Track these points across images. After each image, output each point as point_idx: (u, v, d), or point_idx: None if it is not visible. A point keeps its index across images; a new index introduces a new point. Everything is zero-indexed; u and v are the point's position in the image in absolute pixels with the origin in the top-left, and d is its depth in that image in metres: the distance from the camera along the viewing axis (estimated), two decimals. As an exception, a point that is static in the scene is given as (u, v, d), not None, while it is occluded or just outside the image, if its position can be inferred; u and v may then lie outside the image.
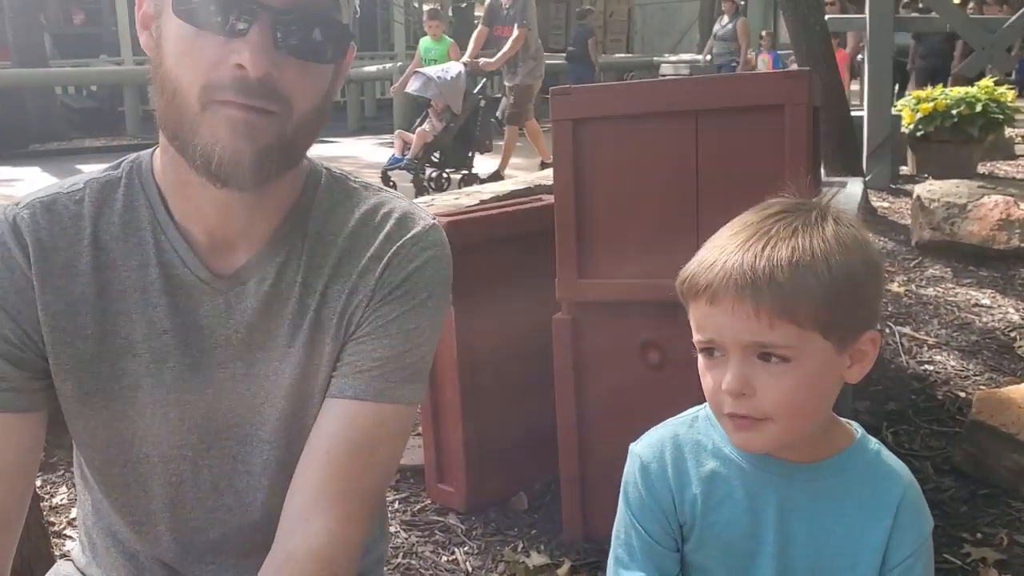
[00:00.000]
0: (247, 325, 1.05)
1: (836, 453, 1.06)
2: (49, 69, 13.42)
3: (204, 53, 0.92)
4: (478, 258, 2.40)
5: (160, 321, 1.03)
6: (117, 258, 1.03)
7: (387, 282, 1.06)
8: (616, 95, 2.19)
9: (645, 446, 1.13)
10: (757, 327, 0.95)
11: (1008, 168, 7.50)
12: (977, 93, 6.60)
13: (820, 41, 5.73)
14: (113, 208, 1.04)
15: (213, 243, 1.04)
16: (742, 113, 1.98)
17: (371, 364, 1.05)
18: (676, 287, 1.05)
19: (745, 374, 0.97)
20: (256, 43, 0.91)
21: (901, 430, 2.87)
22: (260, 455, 1.08)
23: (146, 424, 1.05)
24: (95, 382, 1.04)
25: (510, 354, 2.49)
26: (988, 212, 4.63)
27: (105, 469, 1.09)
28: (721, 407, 1.00)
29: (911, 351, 3.54)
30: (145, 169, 1.06)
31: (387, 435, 1.06)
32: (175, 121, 0.95)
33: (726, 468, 1.08)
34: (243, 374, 1.06)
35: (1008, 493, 2.47)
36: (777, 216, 1.02)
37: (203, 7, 0.91)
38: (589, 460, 2.23)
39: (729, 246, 1.00)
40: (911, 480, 1.08)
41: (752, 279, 0.95)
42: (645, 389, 2.13)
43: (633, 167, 2.09)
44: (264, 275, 1.05)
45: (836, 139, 5.69)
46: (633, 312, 2.13)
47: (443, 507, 2.50)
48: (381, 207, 1.10)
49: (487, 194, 5.01)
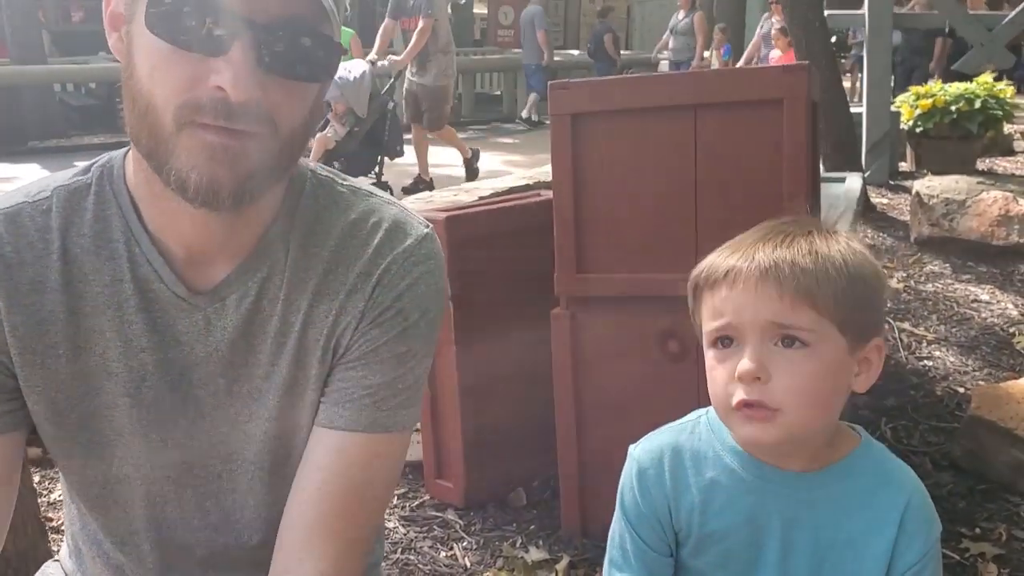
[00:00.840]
0: (228, 343, 0.98)
1: (839, 460, 1.05)
2: (48, 66, 13.38)
3: (181, 69, 0.84)
4: (477, 254, 2.39)
5: (137, 339, 0.96)
6: (88, 272, 0.95)
7: (377, 303, 0.99)
8: (615, 89, 2.18)
9: (644, 451, 1.12)
10: (780, 308, 0.96)
11: (1007, 164, 7.50)
12: (976, 89, 6.60)
13: (820, 38, 5.72)
14: (83, 218, 0.96)
15: (190, 256, 0.97)
16: (741, 107, 1.98)
17: (362, 392, 0.99)
18: (689, 282, 1.05)
19: (762, 357, 0.96)
20: (239, 63, 0.83)
21: (900, 426, 2.87)
22: (245, 474, 1.03)
23: (125, 444, 1.00)
24: (69, 402, 0.98)
25: (509, 349, 2.49)
26: (987, 208, 4.63)
27: (84, 489, 1.04)
28: (731, 399, 0.98)
29: (910, 347, 3.54)
30: (117, 175, 0.98)
31: (382, 466, 1.01)
32: (148, 138, 0.87)
33: (727, 477, 1.06)
34: (225, 393, 1.00)
35: (1006, 488, 2.47)
36: (791, 222, 1.05)
37: (179, 20, 0.82)
38: (588, 455, 2.23)
39: (747, 241, 1.03)
40: (916, 485, 1.06)
41: (776, 262, 0.98)
42: (644, 383, 2.13)
43: (632, 161, 2.09)
44: (245, 291, 0.98)
45: (835, 135, 5.68)
46: (632, 307, 2.13)
47: (442, 502, 2.49)
48: (370, 215, 1.02)
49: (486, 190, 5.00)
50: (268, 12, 0.84)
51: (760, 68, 2.20)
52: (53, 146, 12.34)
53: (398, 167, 7.95)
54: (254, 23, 0.83)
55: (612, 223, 2.12)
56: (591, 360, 2.21)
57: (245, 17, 0.83)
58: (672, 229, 2.05)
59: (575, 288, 2.18)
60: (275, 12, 0.84)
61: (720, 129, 2.00)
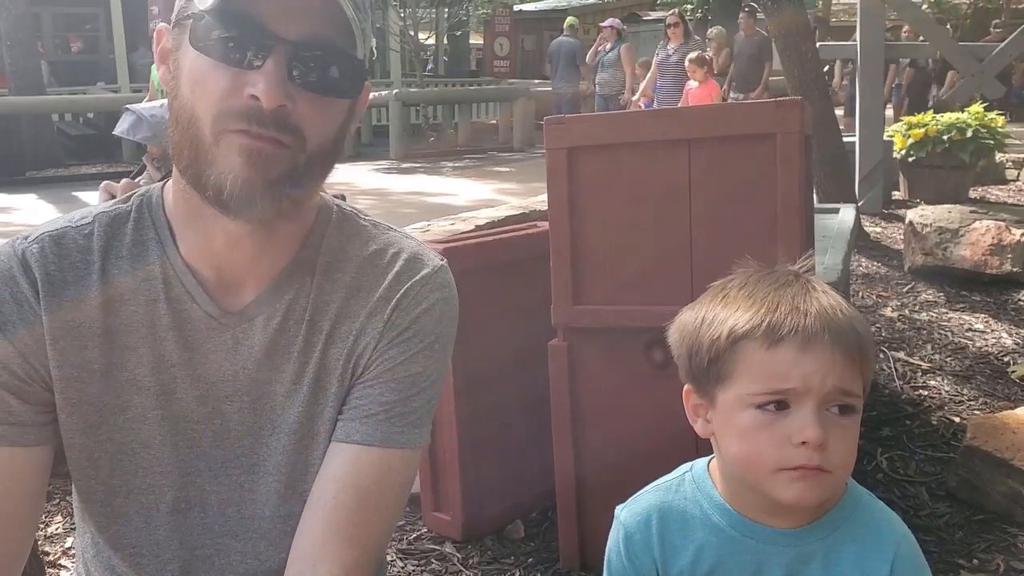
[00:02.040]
0: (254, 362, 1.05)
1: (828, 511, 1.04)
2: (46, 96, 13.45)
3: (219, 83, 0.92)
4: (474, 284, 2.40)
5: (168, 355, 1.03)
6: (125, 293, 1.03)
7: (395, 324, 1.06)
8: (610, 124, 2.21)
9: (630, 514, 1.11)
10: (844, 375, 0.95)
11: (999, 193, 7.56)
12: (967, 119, 6.67)
13: (811, 69, 5.79)
14: (122, 242, 1.04)
15: (222, 279, 1.04)
16: (734, 142, 2.00)
17: (378, 408, 1.05)
18: (717, 337, 1.00)
19: (822, 423, 0.95)
20: (271, 74, 0.91)
21: (896, 455, 2.87)
22: (265, 485, 1.08)
23: (153, 455, 1.06)
24: (100, 415, 1.04)
25: (507, 381, 2.49)
26: (980, 237, 4.66)
27: (108, 500, 1.09)
28: (786, 462, 0.96)
29: (905, 376, 3.55)
30: (156, 203, 1.06)
31: (394, 480, 1.05)
32: (189, 150, 0.95)
33: (716, 537, 1.05)
34: (249, 408, 1.06)
35: (1003, 518, 2.48)
36: (796, 275, 1.03)
37: (220, 39, 0.92)
38: (586, 487, 2.23)
39: (786, 294, 0.98)
40: (903, 534, 1.05)
41: (843, 325, 0.96)
42: (642, 415, 2.14)
43: (627, 195, 2.11)
44: (272, 313, 1.05)
45: (829, 165, 5.73)
46: (629, 338, 2.14)
47: (439, 535, 2.49)
48: (390, 247, 1.10)
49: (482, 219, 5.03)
50: (299, 31, 0.93)
51: (754, 103, 2.23)
52: (51, 176, 12.38)
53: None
54: (286, 40, 0.92)
55: (608, 255, 2.14)
56: (589, 390, 2.21)
57: (278, 34, 0.92)
58: (668, 261, 2.07)
59: (572, 319, 2.19)
60: (306, 31, 0.94)
61: (714, 163, 2.02)
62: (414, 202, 9.07)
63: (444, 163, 12.78)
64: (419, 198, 9.40)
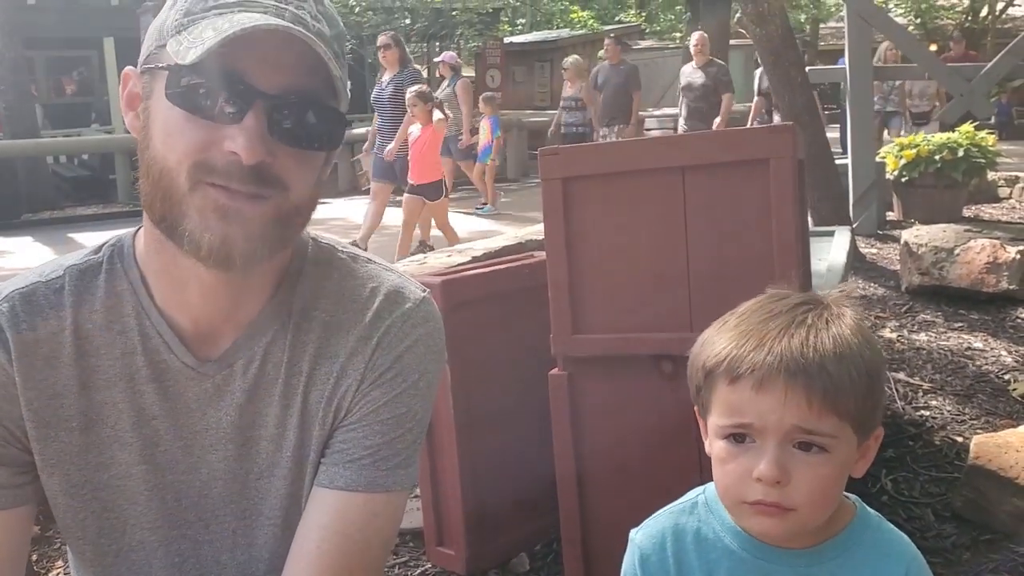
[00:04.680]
0: (237, 408, 1.02)
1: (837, 533, 1.05)
2: (40, 139, 13.52)
3: (196, 135, 0.90)
4: (472, 316, 2.41)
5: (148, 408, 1.01)
6: (100, 347, 1.00)
7: (377, 365, 1.02)
8: (604, 154, 2.22)
9: (645, 536, 1.11)
10: (807, 415, 0.94)
11: (993, 211, 7.59)
12: (959, 138, 6.71)
13: (802, 94, 5.83)
14: (95, 295, 1.01)
15: (199, 327, 1.01)
16: (728, 168, 2.01)
17: (362, 452, 1.02)
18: (699, 366, 1.02)
19: (782, 461, 0.95)
20: (251, 129, 0.89)
21: (900, 477, 2.86)
22: (261, 530, 1.06)
23: (140, 511, 1.03)
24: (83, 473, 1.01)
25: (508, 412, 2.49)
26: (976, 256, 4.67)
27: (97, 560, 1.06)
28: (745, 495, 0.97)
29: (906, 397, 3.55)
30: (127, 253, 1.03)
31: (380, 526, 1.03)
32: (162, 202, 0.92)
33: (728, 559, 1.06)
34: (235, 455, 1.03)
35: (1010, 538, 2.46)
36: (804, 306, 1.02)
37: (196, 91, 0.88)
38: (590, 518, 2.22)
39: (766, 330, 0.98)
40: (913, 554, 1.06)
41: (804, 366, 0.94)
42: (644, 443, 2.13)
43: (623, 222, 2.12)
44: (251, 356, 1.02)
45: (822, 188, 5.76)
46: (630, 366, 2.14)
47: (443, 570, 2.47)
48: (369, 281, 1.06)
49: (479, 250, 5.04)
50: (279, 84, 0.91)
51: (746, 129, 2.25)
52: (47, 218, 12.41)
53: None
54: (265, 94, 0.90)
55: (606, 283, 2.14)
56: (590, 420, 2.21)
57: (257, 87, 0.89)
58: (665, 288, 2.08)
59: (572, 348, 2.19)
60: (285, 85, 0.91)
61: (708, 190, 2.03)
62: (410, 235, 9.07)
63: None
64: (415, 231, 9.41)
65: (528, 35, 23.48)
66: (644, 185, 2.09)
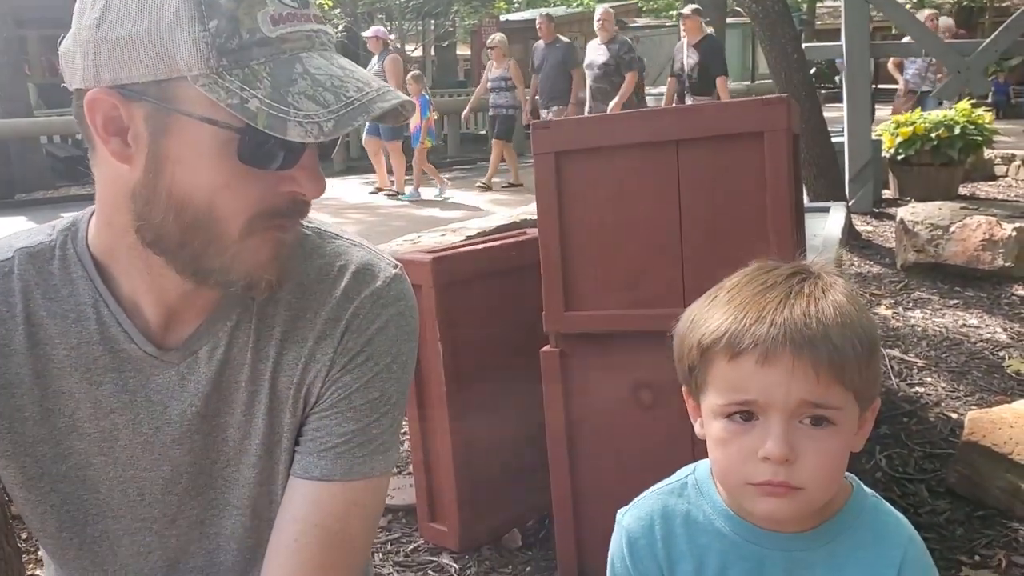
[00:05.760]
0: (202, 397, 0.97)
1: (833, 514, 1.01)
2: (34, 119, 13.43)
3: (258, 185, 0.86)
4: (464, 294, 2.39)
5: (106, 400, 0.96)
6: (55, 335, 0.95)
7: (347, 349, 0.98)
8: (597, 127, 2.20)
9: (633, 519, 1.08)
10: (815, 387, 0.90)
11: (989, 189, 7.58)
12: (955, 116, 6.68)
13: (798, 69, 5.79)
14: (48, 281, 0.96)
15: (159, 313, 0.96)
16: (722, 141, 1.99)
17: (336, 440, 0.97)
18: (693, 344, 0.98)
19: (789, 437, 0.91)
20: (312, 168, 0.88)
21: (895, 454, 2.85)
22: (228, 520, 1.03)
23: (102, 500, 1.00)
24: (39, 466, 0.97)
25: (499, 389, 2.47)
26: (971, 233, 4.66)
27: (59, 554, 1.03)
28: (751, 476, 0.93)
29: (901, 374, 3.54)
30: (81, 238, 0.97)
31: (360, 513, 0.99)
32: (201, 247, 0.88)
33: (719, 542, 1.03)
34: (201, 447, 0.99)
35: (1004, 513, 2.46)
36: (798, 276, 0.98)
37: (266, 147, 0.85)
38: (582, 494, 2.21)
39: (764, 302, 0.94)
40: (911, 536, 1.02)
41: (810, 337, 0.90)
42: (636, 419, 2.12)
43: (616, 198, 2.10)
44: (216, 342, 0.97)
45: (817, 164, 5.73)
46: (622, 342, 2.12)
47: (436, 547, 2.46)
48: (337, 259, 1.01)
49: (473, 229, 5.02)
50: None
51: (740, 102, 2.22)
52: (41, 198, 12.36)
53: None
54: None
55: (599, 259, 2.12)
56: (582, 397, 2.19)
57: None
58: (658, 264, 2.06)
59: (564, 325, 2.18)
60: None
61: (702, 163, 2.01)
62: (403, 215, 9.07)
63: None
64: (408, 211, 9.39)
65: (525, 12, 23.31)
66: (638, 159, 2.07)
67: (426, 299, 2.31)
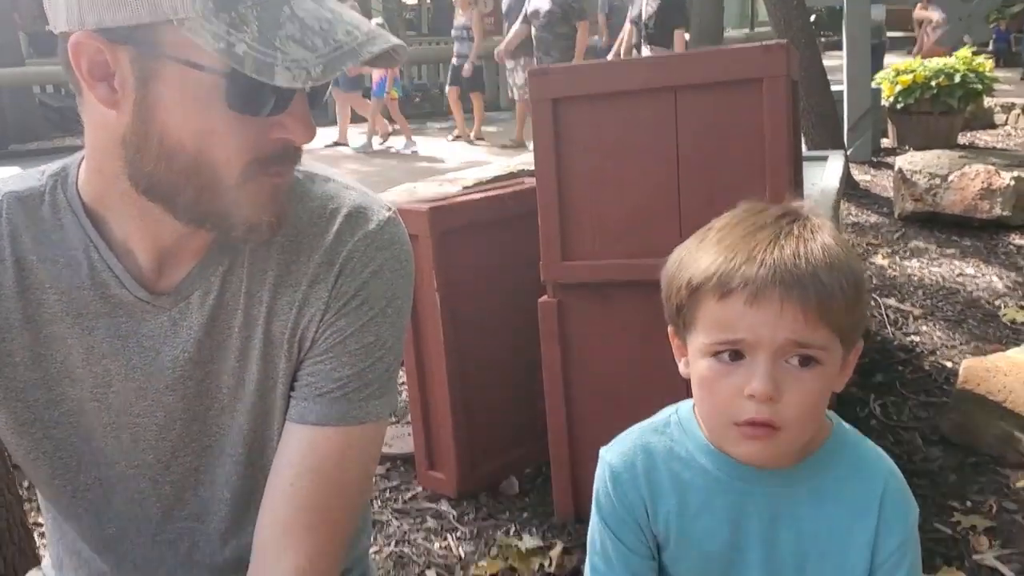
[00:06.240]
0: (195, 343, 0.96)
1: (813, 452, 1.03)
2: (26, 68, 13.26)
3: (248, 132, 0.86)
4: (462, 244, 2.39)
5: (99, 345, 0.95)
6: (45, 280, 0.94)
7: (341, 292, 0.96)
8: (595, 73, 2.18)
9: (616, 454, 1.09)
10: (802, 327, 0.92)
11: (988, 138, 7.54)
12: (955, 64, 6.62)
13: (797, 16, 5.73)
14: (38, 226, 0.95)
15: (153, 260, 0.95)
16: (721, 88, 1.97)
17: (332, 385, 0.97)
18: (682, 283, 0.98)
19: (775, 377, 0.92)
20: (303, 115, 0.87)
21: (889, 402, 2.88)
22: (222, 467, 1.02)
23: (95, 447, 0.99)
24: (31, 411, 0.97)
25: (498, 339, 2.48)
26: (970, 182, 4.65)
27: (54, 500, 1.04)
28: (735, 415, 0.94)
29: (897, 323, 3.56)
30: (71, 184, 0.96)
31: (356, 458, 0.98)
32: (196, 192, 0.87)
33: (702, 479, 1.04)
34: (195, 393, 0.99)
35: (996, 461, 2.49)
36: (787, 217, 0.98)
37: (257, 93, 0.83)
38: (579, 441, 2.23)
39: (754, 242, 0.95)
40: (891, 469, 1.04)
41: (799, 277, 0.92)
42: (633, 368, 2.13)
43: (614, 145, 2.08)
44: (208, 287, 0.96)
45: (816, 112, 5.69)
46: (619, 292, 2.12)
47: (434, 494, 2.49)
48: (329, 201, 0.99)
49: (470, 179, 4.99)
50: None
51: (739, 48, 2.20)
52: (34, 148, 12.25)
53: None
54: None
55: (596, 208, 2.12)
56: (579, 346, 2.20)
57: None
58: (656, 212, 2.05)
59: (561, 275, 2.17)
60: None
61: (701, 110, 1.99)
62: (400, 165, 9.00)
63: (430, 124, 12.68)
64: (405, 161, 9.33)
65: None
66: (635, 106, 2.05)
67: (423, 249, 2.30)
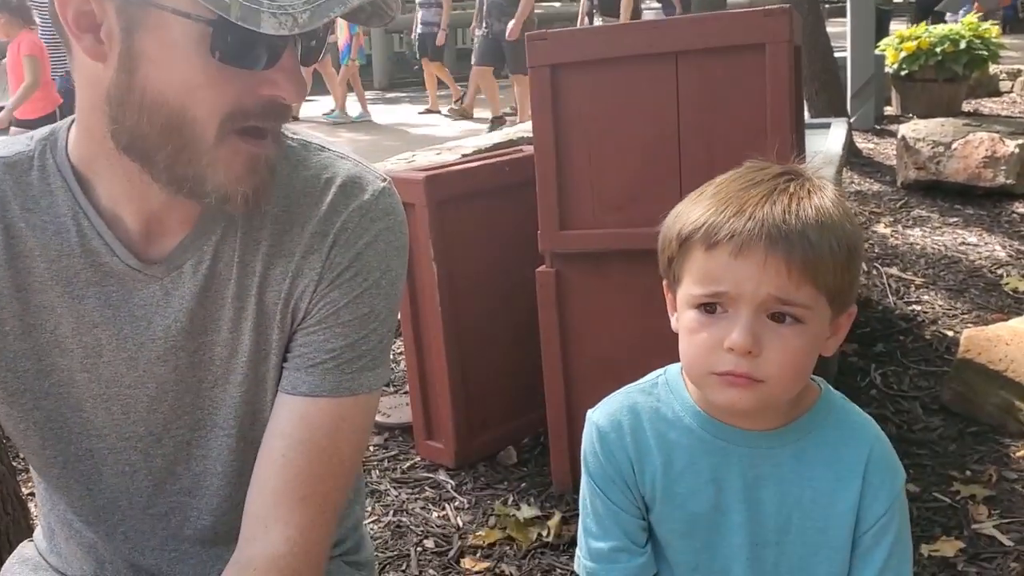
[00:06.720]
0: (187, 312, 0.95)
1: (801, 415, 1.03)
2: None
3: (233, 85, 0.84)
4: (459, 212, 2.36)
5: (89, 315, 0.94)
6: (34, 247, 0.93)
7: (335, 264, 0.95)
8: (595, 38, 2.14)
9: (602, 414, 1.09)
10: (786, 284, 0.91)
11: (993, 105, 7.46)
12: (961, 30, 6.54)
13: (802, -19, 5.66)
14: (27, 193, 0.93)
15: (142, 226, 0.93)
16: (723, 53, 1.94)
17: (324, 356, 0.96)
18: (674, 235, 0.98)
19: (755, 330, 0.92)
20: (292, 70, 0.85)
21: (890, 371, 2.86)
22: (215, 440, 1.01)
23: (86, 418, 0.98)
24: (20, 382, 0.96)
25: (496, 309, 2.47)
26: (974, 150, 4.60)
27: (44, 471, 1.03)
28: (714, 366, 0.95)
29: (898, 291, 3.54)
30: (60, 148, 0.94)
31: (349, 429, 0.97)
32: (175, 153, 0.85)
33: (687, 438, 1.04)
34: (187, 364, 0.97)
35: (996, 430, 2.48)
36: (786, 176, 0.98)
37: (241, 44, 0.82)
38: (576, 411, 2.22)
39: (747, 197, 0.95)
40: (877, 435, 1.04)
41: (786, 233, 0.91)
42: (630, 338, 2.11)
43: (613, 112, 2.05)
44: (200, 256, 0.94)
45: (819, 80, 5.64)
46: (617, 262, 2.10)
47: (432, 463, 2.49)
48: (323, 171, 0.98)
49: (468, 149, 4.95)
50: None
51: (741, 12, 2.15)
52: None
53: None
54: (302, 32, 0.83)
55: (595, 177, 2.09)
56: (577, 316, 2.19)
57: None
58: (656, 181, 2.02)
59: (559, 244, 2.15)
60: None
61: (702, 76, 1.96)
62: (399, 133, 8.95)
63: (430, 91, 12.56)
64: (404, 128, 9.27)
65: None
66: (636, 72, 2.02)
67: (420, 218, 2.28)
